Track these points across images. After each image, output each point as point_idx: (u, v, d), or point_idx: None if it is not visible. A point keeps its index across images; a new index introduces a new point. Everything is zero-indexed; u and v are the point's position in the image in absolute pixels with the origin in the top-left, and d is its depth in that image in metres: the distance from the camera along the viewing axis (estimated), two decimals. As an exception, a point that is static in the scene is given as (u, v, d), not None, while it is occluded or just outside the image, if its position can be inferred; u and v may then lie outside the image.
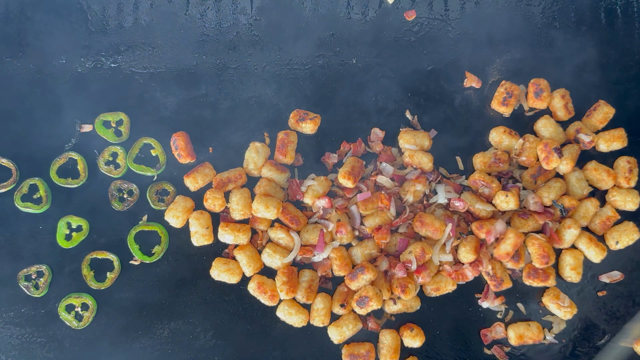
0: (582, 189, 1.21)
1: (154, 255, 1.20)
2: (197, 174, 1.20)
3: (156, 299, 1.20)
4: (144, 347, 1.18)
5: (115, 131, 1.24)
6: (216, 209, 1.19)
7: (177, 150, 1.21)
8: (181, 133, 1.22)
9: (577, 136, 1.22)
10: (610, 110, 1.24)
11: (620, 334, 1.18)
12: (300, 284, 1.17)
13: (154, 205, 1.21)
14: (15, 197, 1.21)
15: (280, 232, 1.18)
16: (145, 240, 1.21)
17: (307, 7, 1.30)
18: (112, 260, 1.20)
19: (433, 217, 1.16)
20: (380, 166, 1.22)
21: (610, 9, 1.30)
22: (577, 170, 1.22)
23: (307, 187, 1.19)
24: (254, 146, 1.22)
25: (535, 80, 1.24)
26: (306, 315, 1.16)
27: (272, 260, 1.17)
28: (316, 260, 1.18)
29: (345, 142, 1.23)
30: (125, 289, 1.20)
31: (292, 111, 1.24)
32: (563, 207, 1.17)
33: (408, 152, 1.21)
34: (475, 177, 1.19)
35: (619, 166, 1.22)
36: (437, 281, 1.17)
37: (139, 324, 1.19)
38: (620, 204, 1.21)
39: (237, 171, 1.21)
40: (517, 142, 1.22)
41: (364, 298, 1.13)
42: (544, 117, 1.23)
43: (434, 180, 1.20)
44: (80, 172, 1.22)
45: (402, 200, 1.19)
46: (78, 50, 1.27)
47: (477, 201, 1.18)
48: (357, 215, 1.19)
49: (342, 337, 1.15)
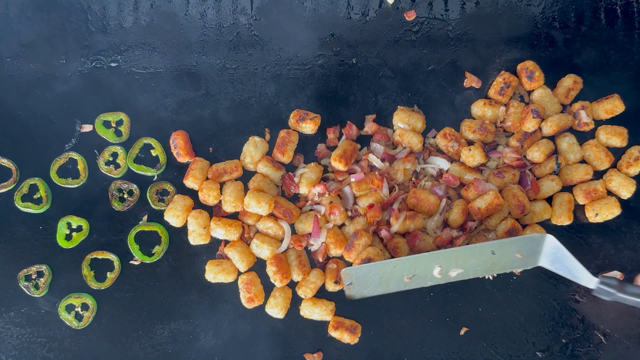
0: (575, 153, 1.22)
1: (154, 255, 1.20)
2: (194, 171, 1.20)
3: (156, 299, 1.20)
4: (144, 347, 1.18)
5: (116, 131, 1.24)
6: (209, 201, 1.19)
7: (177, 149, 1.21)
8: (180, 132, 1.22)
9: (577, 111, 1.23)
10: (620, 105, 1.24)
11: None
12: (290, 265, 1.18)
13: (154, 205, 1.21)
14: (15, 197, 1.21)
15: (269, 222, 1.19)
16: (145, 240, 1.21)
17: (307, 7, 1.30)
18: (112, 260, 1.20)
19: (427, 193, 1.17)
20: (371, 146, 1.23)
21: (610, 9, 1.30)
22: (568, 135, 1.23)
23: (300, 176, 1.20)
24: (253, 140, 1.22)
25: (522, 65, 1.26)
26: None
27: (260, 251, 1.18)
28: (314, 248, 1.19)
29: (329, 128, 1.24)
30: (125, 289, 1.20)
31: (292, 111, 1.24)
32: (558, 162, 1.20)
33: (399, 131, 1.22)
34: (446, 131, 1.21)
35: (627, 152, 1.24)
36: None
37: (139, 324, 1.19)
38: (614, 187, 1.22)
39: (234, 163, 1.22)
40: (499, 110, 1.23)
41: (366, 259, 1.14)
42: (541, 87, 1.25)
43: (425, 158, 1.23)
44: (80, 172, 1.22)
45: (393, 179, 1.20)
46: (78, 50, 1.27)
47: (466, 172, 1.20)
48: (350, 196, 1.20)
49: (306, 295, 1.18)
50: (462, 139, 1.22)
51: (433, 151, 1.24)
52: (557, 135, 1.23)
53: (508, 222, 1.17)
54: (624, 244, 1.23)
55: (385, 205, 1.19)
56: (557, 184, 1.20)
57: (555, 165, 1.20)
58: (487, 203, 1.14)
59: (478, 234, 1.19)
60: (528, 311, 1.20)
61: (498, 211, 1.16)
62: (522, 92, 1.27)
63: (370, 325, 1.20)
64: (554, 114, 1.23)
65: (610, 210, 1.20)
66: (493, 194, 1.15)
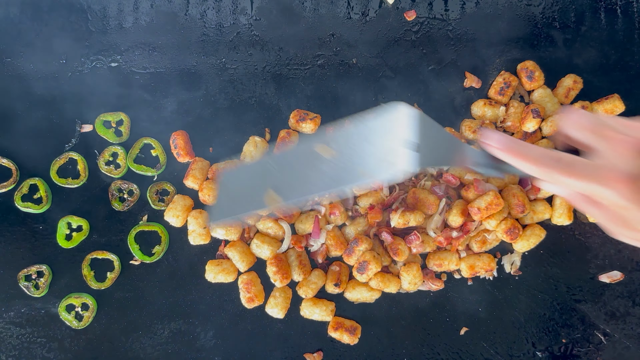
0: None
1: (154, 255, 1.20)
2: (194, 171, 1.20)
3: (156, 299, 1.20)
4: (144, 347, 1.18)
5: (116, 131, 1.24)
6: (210, 201, 1.19)
7: (177, 149, 1.21)
8: (180, 132, 1.22)
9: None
10: (620, 105, 1.24)
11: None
12: (291, 265, 1.18)
13: (154, 205, 1.21)
14: (16, 197, 1.21)
15: (269, 222, 1.19)
16: (146, 240, 1.21)
17: (307, 7, 1.30)
18: (112, 260, 1.20)
19: (427, 192, 1.18)
20: None
21: (610, 9, 1.30)
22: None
23: None
24: (253, 140, 1.22)
25: (522, 65, 1.26)
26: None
27: (260, 251, 1.18)
28: (314, 249, 1.19)
29: (329, 128, 1.24)
30: (126, 289, 1.20)
31: (292, 111, 1.24)
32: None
33: None
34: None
35: None
36: (441, 257, 1.18)
37: (139, 324, 1.19)
38: None
39: (234, 163, 1.22)
40: (499, 110, 1.23)
41: (363, 263, 1.14)
42: (541, 87, 1.25)
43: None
44: (81, 172, 1.22)
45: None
46: (78, 50, 1.27)
47: (466, 172, 1.20)
48: (350, 196, 1.20)
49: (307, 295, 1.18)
50: (462, 139, 1.22)
51: None
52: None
53: (508, 222, 1.17)
54: (624, 243, 1.22)
55: (386, 205, 1.19)
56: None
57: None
58: (487, 203, 1.15)
59: (478, 235, 1.19)
60: (528, 311, 1.20)
61: (498, 211, 1.16)
62: (522, 92, 1.27)
63: (370, 325, 1.20)
64: (554, 114, 1.23)
65: None
66: (493, 194, 1.15)
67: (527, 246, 1.20)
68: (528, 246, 1.20)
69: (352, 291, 1.18)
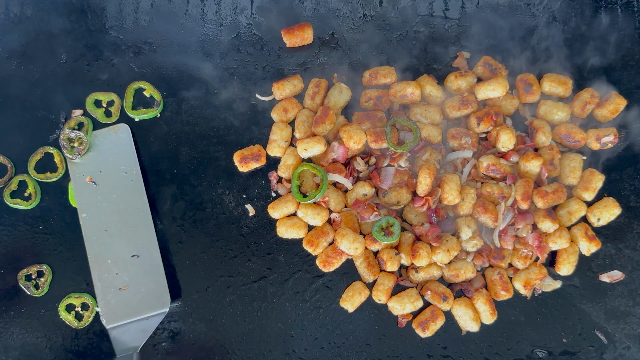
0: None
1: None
2: (286, 82, 1.23)
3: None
4: (145, 347, 1.18)
5: (106, 111, 1.24)
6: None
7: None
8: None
9: (601, 141, 1.22)
10: (621, 101, 1.23)
11: None
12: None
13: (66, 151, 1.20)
14: (5, 193, 1.21)
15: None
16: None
17: (307, 7, 1.30)
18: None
19: (494, 206, 1.17)
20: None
21: (610, 8, 1.30)
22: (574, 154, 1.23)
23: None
24: (339, 86, 1.24)
25: (522, 76, 1.25)
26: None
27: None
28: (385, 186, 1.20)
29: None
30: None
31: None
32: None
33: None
34: (452, 132, 1.20)
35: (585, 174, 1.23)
36: (457, 267, 1.18)
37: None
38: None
39: (256, 148, 1.24)
40: (472, 78, 1.23)
41: (380, 260, 1.18)
42: (545, 104, 1.23)
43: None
44: (58, 165, 1.22)
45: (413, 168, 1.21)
46: (78, 49, 1.27)
47: (503, 166, 1.19)
48: (390, 177, 1.20)
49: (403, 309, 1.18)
50: (471, 131, 1.21)
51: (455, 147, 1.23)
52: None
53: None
54: (624, 243, 1.23)
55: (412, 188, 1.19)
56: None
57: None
58: (553, 189, 1.17)
59: (516, 251, 1.19)
60: (528, 311, 1.20)
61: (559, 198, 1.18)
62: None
63: (371, 325, 1.20)
64: (560, 124, 1.22)
65: (611, 212, 1.20)
66: (524, 182, 1.17)
67: (570, 269, 1.20)
68: (570, 269, 1.20)
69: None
